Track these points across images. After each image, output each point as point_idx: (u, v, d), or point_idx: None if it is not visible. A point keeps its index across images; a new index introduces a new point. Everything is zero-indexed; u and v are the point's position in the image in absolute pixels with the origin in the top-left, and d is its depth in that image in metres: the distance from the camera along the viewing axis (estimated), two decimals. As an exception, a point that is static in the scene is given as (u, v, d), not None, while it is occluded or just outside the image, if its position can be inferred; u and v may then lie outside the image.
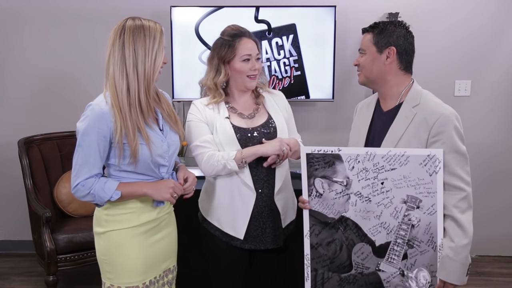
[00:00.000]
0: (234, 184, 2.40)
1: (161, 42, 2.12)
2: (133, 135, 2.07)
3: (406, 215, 2.10)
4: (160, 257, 2.30)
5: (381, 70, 2.17)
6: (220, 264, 2.52)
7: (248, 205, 2.41)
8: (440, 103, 2.14)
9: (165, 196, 2.17)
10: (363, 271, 2.18)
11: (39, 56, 4.32)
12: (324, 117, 4.37)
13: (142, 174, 2.18)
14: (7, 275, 4.11)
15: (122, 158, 2.11)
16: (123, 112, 2.06)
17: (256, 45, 2.44)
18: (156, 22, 2.15)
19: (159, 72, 2.14)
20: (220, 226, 2.46)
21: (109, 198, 2.12)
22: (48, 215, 3.46)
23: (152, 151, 2.12)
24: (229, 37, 2.40)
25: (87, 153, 2.08)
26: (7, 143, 4.24)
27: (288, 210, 2.54)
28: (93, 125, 2.06)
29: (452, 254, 2.03)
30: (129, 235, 2.20)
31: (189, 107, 2.49)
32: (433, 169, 2.04)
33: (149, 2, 4.19)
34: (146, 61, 2.08)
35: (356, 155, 2.11)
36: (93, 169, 2.10)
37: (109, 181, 2.14)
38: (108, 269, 2.24)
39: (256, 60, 2.42)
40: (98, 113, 2.06)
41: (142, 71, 2.08)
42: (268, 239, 2.46)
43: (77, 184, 2.10)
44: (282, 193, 2.48)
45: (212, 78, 2.43)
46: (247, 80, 2.41)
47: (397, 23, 2.19)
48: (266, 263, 2.55)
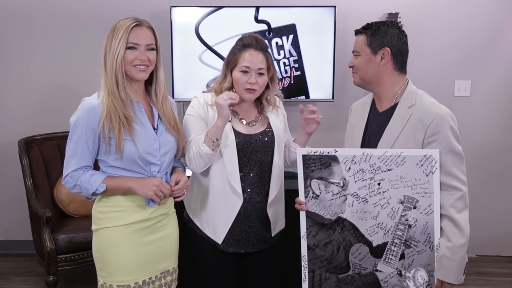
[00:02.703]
0: (221, 187, 2.39)
1: (123, 38, 2.12)
2: (118, 127, 2.10)
3: (403, 215, 2.10)
4: (156, 258, 2.29)
5: (376, 71, 2.17)
6: (209, 265, 2.51)
7: (232, 210, 2.39)
8: (435, 103, 2.14)
9: (148, 193, 2.16)
10: (361, 271, 2.18)
11: (39, 56, 4.32)
12: (324, 117, 4.30)
13: (131, 171, 2.19)
14: (7, 275, 4.12)
15: (108, 153, 2.15)
16: (107, 104, 2.11)
17: (266, 59, 2.37)
18: (136, 19, 2.17)
19: (133, 66, 2.15)
20: (201, 227, 2.46)
21: (95, 191, 2.15)
22: (48, 215, 3.47)
23: (139, 147, 2.14)
24: (239, 45, 2.39)
25: (76, 145, 2.14)
26: (7, 143, 4.25)
27: (279, 219, 2.54)
28: (82, 118, 2.12)
29: (449, 253, 2.03)
30: (120, 233, 2.21)
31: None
32: (430, 169, 2.04)
33: (149, 2, 4.19)
34: (109, 57, 2.14)
35: (353, 156, 2.11)
36: (81, 161, 2.15)
37: (96, 173, 2.18)
38: (101, 267, 2.26)
39: (258, 75, 2.35)
40: (88, 106, 2.13)
41: (109, 65, 2.14)
42: (250, 243, 2.45)
43: (66, 175, 2.17)
44: (276, 203, 2.48)
45: (219, 83, 2.42)
46: (243, 92, 2.36)
47: (389, 23, 2.19)
48: (255, 264, 2.55)
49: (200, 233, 2.47)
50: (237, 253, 2.47)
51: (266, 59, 2.38)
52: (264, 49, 2.39)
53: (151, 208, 2.25)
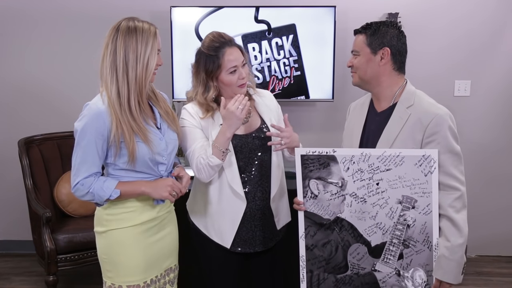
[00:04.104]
0: (224, 192, 2.38)
1: (154, 46, 2.11)
2: (129, 135, 2.07)
3: (402, 215, 2.10)
4: (161, 256, 2.31)
5: (376, 71, 2.17)
6: (212, 265, 2.51)
7: (237, 214, 2.39)
8: (434, 103, 2.14)
9: (164, 194, 2.17)
10: (359, 271, 2.18)
11: (39, 56, 4.33)
12: (324, 117, 4.37)
13: (140, 172, 2.19)
14: (7, 275, 4.12)
15: (118, 156, 2.12)
16: (116, 113, 2.07)
17: (241, 51, 2.38)
18: (151, 24, 2.15)
19: (153, 74, 2.15)
20: (207, 233, 2.45)
21: (109, 197, 2.12)
22: (48, 215, 3.47)
23: (151, 149, 2.13)
24: (212, 51, 2.33)
25: (85, 151, 2.09)
26: (7, 143, 4.25)
27: (283, 212, 2.53)
28: (90, 124, 2.07)
29: (448, 253, 2.03)
30: (130, 233, 2.21)
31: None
32: (428, 169, 2.04)
33: (149, 2, 4.20)
34: (137, 67, 2.08)
35: (351, 156, 2.11)
36: (91, 168, 2.11)
37: (108, 179, 2.15)
38: (109, 268, 2.25)
39: (242, 67, 2.36)
40: (96, 111, 2.07)
41: (133, 77, 2.09)
42: (258, 241, 2.45)
43: (76, 183, 2.11)
44: (278, 198, 2.48)
45: (202, 94, 2.37)
46: (237, 89, 2.36)
47: (389, 23, 2.19)
48: (260, 264, 2.55)
49: (205, 236, 2.46)
50: (245, 253, 2.47)
51: (240, 50, 2.39)
52: (233, 41, 2.39)
53: (157, 207, 2.26)
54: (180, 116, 2.43)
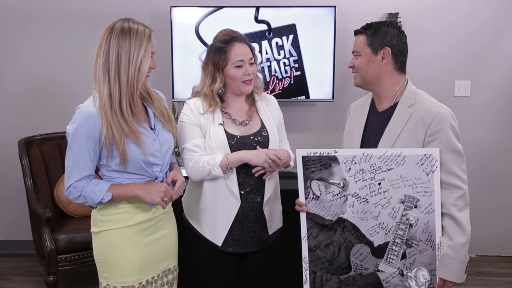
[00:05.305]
0: (219, 189, 2.39)
1: (148, 48, 2.10)
2: (119, 138, 2.07)
3: (404, 214, 2.10)
4: (157, 257, 2.30)
5: (377, 71, 2.17)
6: (208, 265, 2.52)
7: (231, 213, 2.40)
8: (436, 102, 2.14)
9: (155, 199, 2.16)
10: (362, 272, 2.18)
11: (39, 56, 4.32)
12: (324, 117, 4.37)
13: (134, 173, 2.18)
14: (7, 275, 4.12)
15: (110, 158, 2.12)
16: (107, 116, 2.06)
17: (250, 49, 2.41)
18: (146, 26, 2.13)
19: (146, 77, 2.13)
20: (200, 230, 2.47)
21: (100, 200, 2.12)
22: (48, 215, 3.47)
23: (143, 151, 2.13)
24: (221, 43, 2.37)
25: (77, 155, 2.09)
26: (7, 143, 4.25)
27: (275, 218, 2.54)
28: (81, 127, 2.07)
29: (451, 252, 2.03)
30: (124, 234, 2.20)
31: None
32: (430, 168, 2.04)
33: (149, 2, 4.19)
34: (129, 69, 2.07)
35: (353, 156, 2.11)
36: (83, 171, 2.11)
37: (100, 182, 2.15)
38: (104, 269, 2.25)
39: (250, 65, 2.38)
40: (86, 114, 2.07)
41: (124, 79, 2.07)
42: (249, 242, 2.46)
43: (69, 186, 2.12)
44: (271, 202, 2.48)
45: (209, 86, 2.40)
46: (242, 86, 2.38)
47: (389, 23, 2.20)
48: (255, 262, 2.55)
49: (199, 235, 2.47)
50: (236, 253, 2.47)
51: (250, 48, 2.42)
52: (245, 39, 2.42)
53: (153, 208, 2.25)
54: (182, 110, 2.45)
